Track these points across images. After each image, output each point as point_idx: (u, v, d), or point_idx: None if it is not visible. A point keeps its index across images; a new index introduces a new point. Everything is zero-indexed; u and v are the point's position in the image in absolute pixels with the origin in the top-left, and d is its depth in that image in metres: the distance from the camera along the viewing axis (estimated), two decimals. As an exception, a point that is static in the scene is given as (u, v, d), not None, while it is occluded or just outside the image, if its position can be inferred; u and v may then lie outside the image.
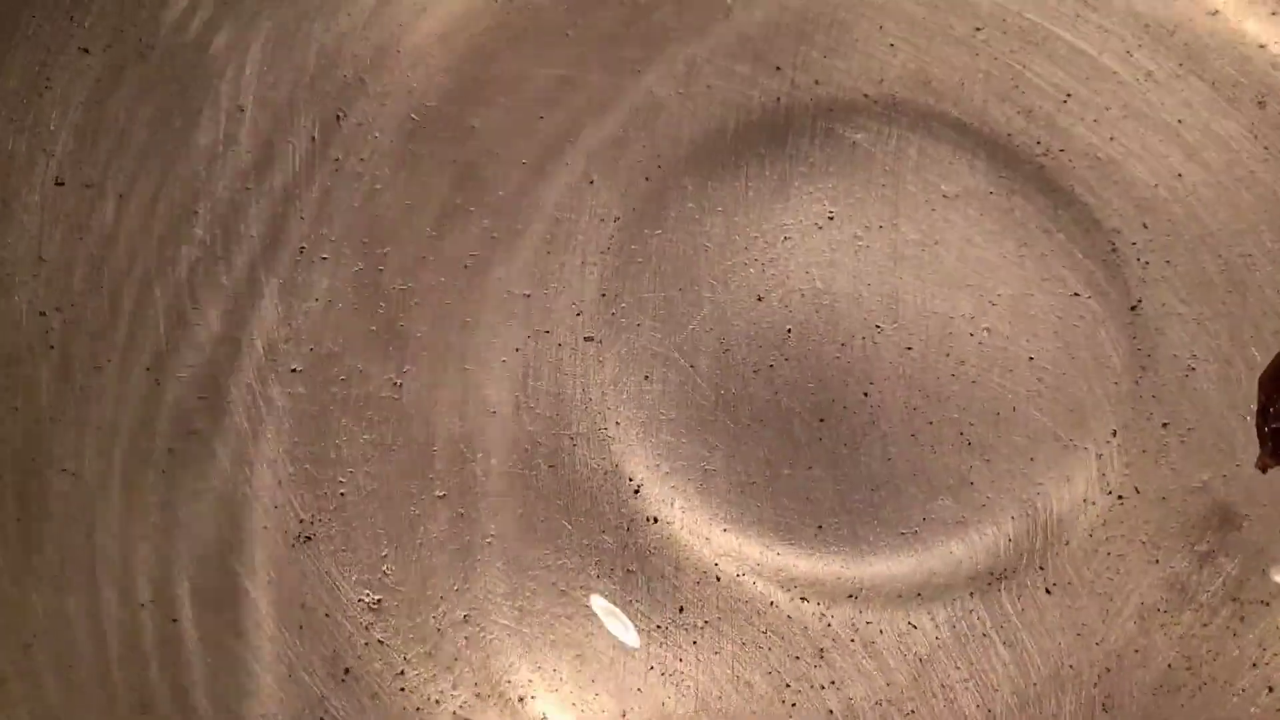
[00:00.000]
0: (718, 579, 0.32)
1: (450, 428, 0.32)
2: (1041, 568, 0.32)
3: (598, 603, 0.31)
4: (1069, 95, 0.36)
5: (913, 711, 0.31)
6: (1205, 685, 0.31)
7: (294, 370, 0.33)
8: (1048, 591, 0.31)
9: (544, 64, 0.36)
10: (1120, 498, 0.32)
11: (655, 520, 0.32)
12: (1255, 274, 0.34)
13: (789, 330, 0.34)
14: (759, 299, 0.34)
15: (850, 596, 0.32)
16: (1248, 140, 0.36)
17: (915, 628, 0.31)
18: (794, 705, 0.31)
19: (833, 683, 0.31)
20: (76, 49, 0.33)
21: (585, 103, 0.36)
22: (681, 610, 0.31)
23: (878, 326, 0.34)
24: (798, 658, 0.31)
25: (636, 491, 0.32)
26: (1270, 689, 0.31)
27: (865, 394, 0.33)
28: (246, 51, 0.34)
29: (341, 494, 0.32)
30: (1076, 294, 0.34)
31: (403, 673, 0.31)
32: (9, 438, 0.30)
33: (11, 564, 0.30)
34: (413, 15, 0.36)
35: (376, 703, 0.30)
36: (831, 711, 0.31)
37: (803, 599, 0.32)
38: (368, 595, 0.31)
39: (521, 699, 0.31)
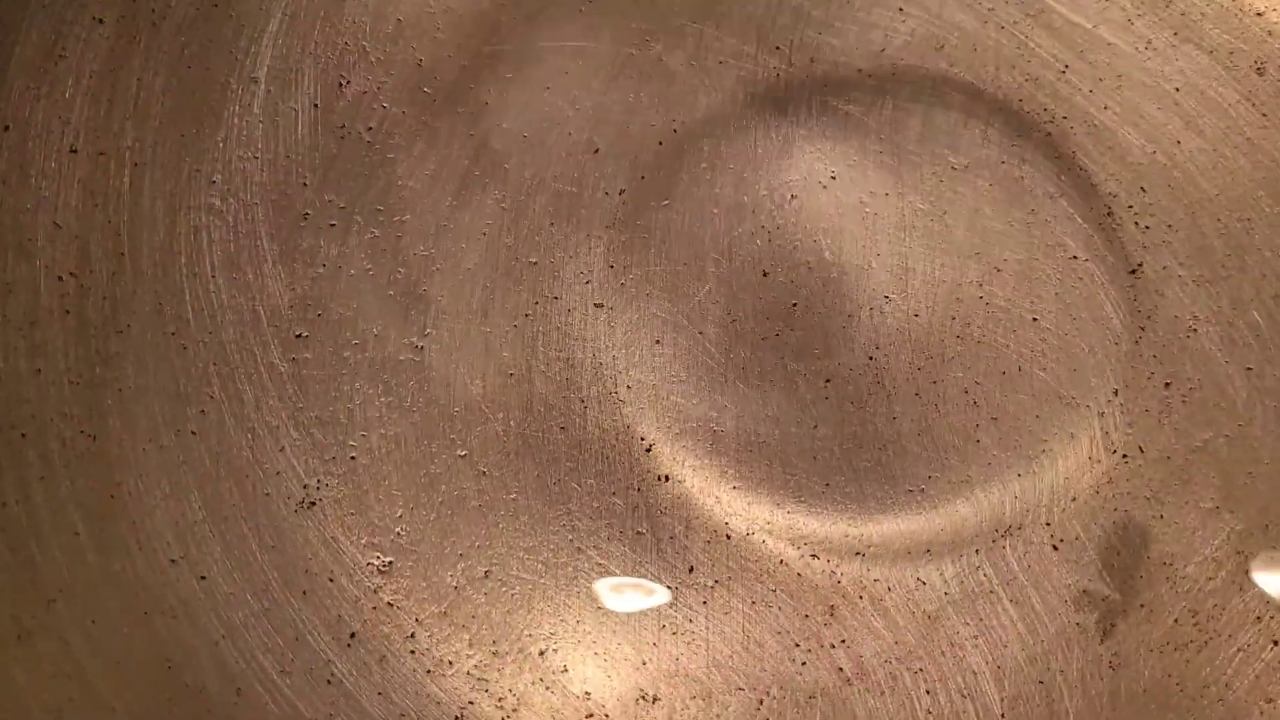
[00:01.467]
0: (728, 537, 0.32)
1: (470, 390, 0.33)
2: (1048, 524, 0.32)
3: (603, 585, 0.31)
4: (1068, 66, 0.36)
5: (921, 669, 0.31)
6: (1210, 641, 0.31)
7: (299, 336, 0.33)
8: (1054, 548, 0.32)
9: (549, 36, 0.36)
10: (1125, 456, 0.33)
11: (666, 479, 0.33)
12: (1254, 237, 0.35)
13: (794, 304, 0.34)
14: (764, 274, 0.34)
15: (858, 554, 0.32)
16: (1245, 107, 0.36)
17: (924, 584, 0.32)
18: (804, 664, 0.31)
19: (843, 641, 0.31)
20: (90, 18, 0.34)
21: (590, 73, 0.36)
22: (692, 570, 0.32)
23: (886, 297, 0.34)
24: (807, 616, 0.31)
25: (648, 451, 0.33)
26: (1275, 643, 0.31)
27: (871, 357, 0.34)
28: (264, 20, 0.35)
29: (352, 458, 0.32)
30: (1076, 257, 0.34)
31: (413, 635, 0.31)
32: (30, 399, 0.31)
33: (35, 522, 0.30)
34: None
35: (384, 665, 0.31)
36: (841, 669, 0.31)
37: (813, 556, 0.32)
38: (378, 558, 0.31)
39: (543, 652, 0.31)
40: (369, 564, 0.31)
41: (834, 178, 0.35)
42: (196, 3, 0.35)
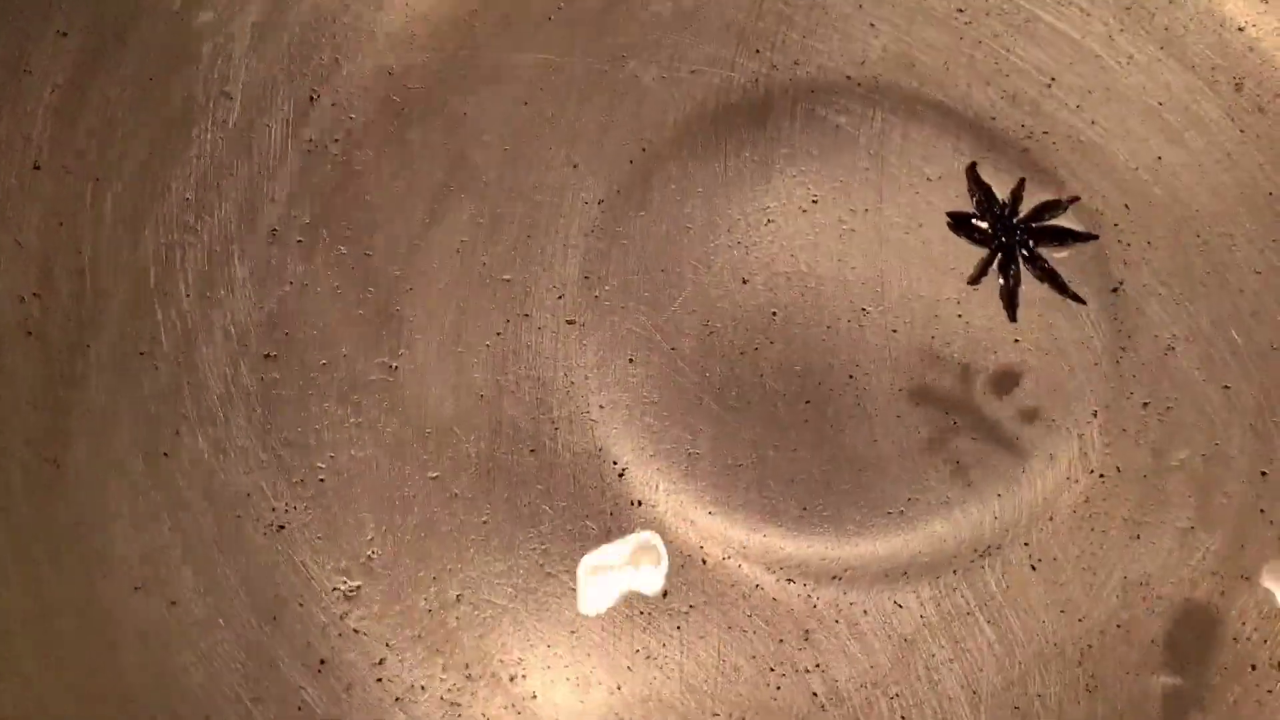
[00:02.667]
0: (703, 561, 0.32)
1: (442, 411, 0.32)
2: (1026, 544, 0.32)
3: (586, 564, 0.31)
4: (1053, 79, 0.36)
5: (897, 694, 0.31)
6: (1188, 664, 0.31)
7: (267, 356, 0.33)
8: (1033, 568, 0.32)
9: (527, 49, 0.36)
10: (1102, 476, 0.32)
11: (639, 504, 0.32)
12: (1234, 254, 0.34)
13: (774, 313, 0.34)
14: (744, 281, 0.34)
15: (835, 578, 0.32)
16: (1225, 123, 0.36)
17: (901, 607, 0.31)
18: (779, 689, 0.31)
19: (818, 665, 0.31)
20: (55, 32, 0.33)
21: (568, 87, 0.35)
22: (665, 595, 0.31)
23: (864, 309, 0.34)
24: (782, 641, 0.31)
25: (621, 475, 0.32)
26: (1253, 666, 0.31)
27: (851, 376, 0.33)
28: (231, 33, 0.34)
29: (320, 480, 0.32)
30: (1059, 275, 0.34)
31: (382, 661, 0.31)
32: (-11, 424, 0.30)
33: (-7, 552, 0.30)
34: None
35: (352, 694, 0.30)
36: (815, 694, 0.31)
37: (789, 580, 0.32)
38: (344, 583, 0.31)
39: (514, 677, 0.31)
40: (334, 590, 0.31)
41: (815, 201, 0.35)
42: (164, 16, 0.34)
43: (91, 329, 0.32)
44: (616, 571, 0.31)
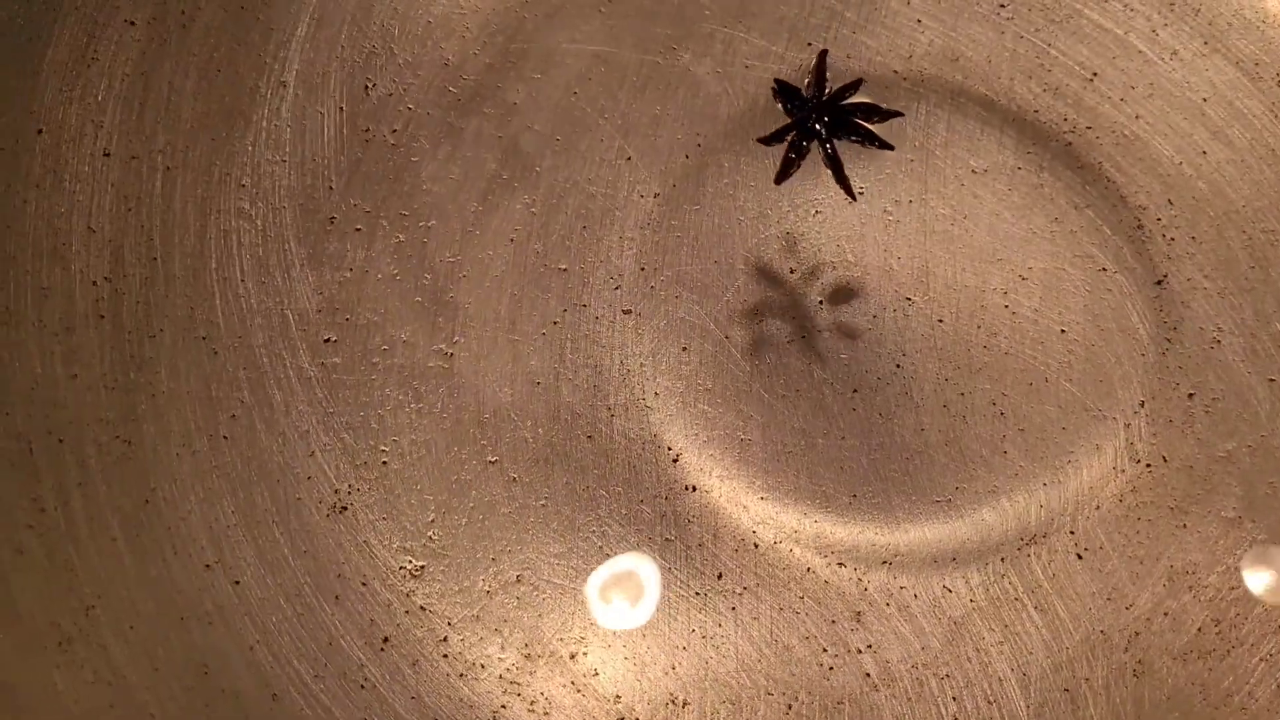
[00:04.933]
0: (755, 545, 0.32)
1: (499, 397, 0.33)
2: (1072, 532, 0.32)
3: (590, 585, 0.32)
4: (1095, 74, 0.36)
5: (948, 675, 0.31)
6: (1233, 650, 0.31)
7: (327, 340, 0.33)
8: (1079, 556, 0.32)
9: (578, 40, 0.36)
10: (1148, 465, 0.33)
11: (694, 489, 0.33)
12: (1278, 249, 0.35)
13: (820, 302, 0.34)
14: (791, 271, 0.35)
15: (885, 563, 0.32)
16: (1269, 118, 0.36)
17: (950, 591, 0.32)
18: (831, 669, 0.31)
19: (870, 646, 0.31)
20: (122, 21, 0.34)
21: (620, 79, 0.36)
22: (720, 577, 0.32)
23: (908, 299, 0.35)
24: (834, 622, 0.32)
25: (675, 460, 0.33)
26: (1295, 652, 0.31)
27: (898, 365, 0.34)
28: (292, 24, 0.35)
29: (384, 463, 0.32)
30: (1105, 269, 0.35)
31: (445, 639, 0.31)
32: (66, 404, 0.31)
33: (73, 529, 0.30)
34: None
35: (417, 670, 0.31)
36: (869, 674, 0.31)
37: (839, 564, 0.32)
38: (410, 562, 0.32)
39: (574, 655, 0.31)
40: (401, 568, 0.32)
41: (861, 193, 0.35)
42: (225, 5, 0.35)
43: (160, 313, 0.32)
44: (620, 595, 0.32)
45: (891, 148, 0.33)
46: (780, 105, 0.32)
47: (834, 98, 0.32)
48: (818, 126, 0.32)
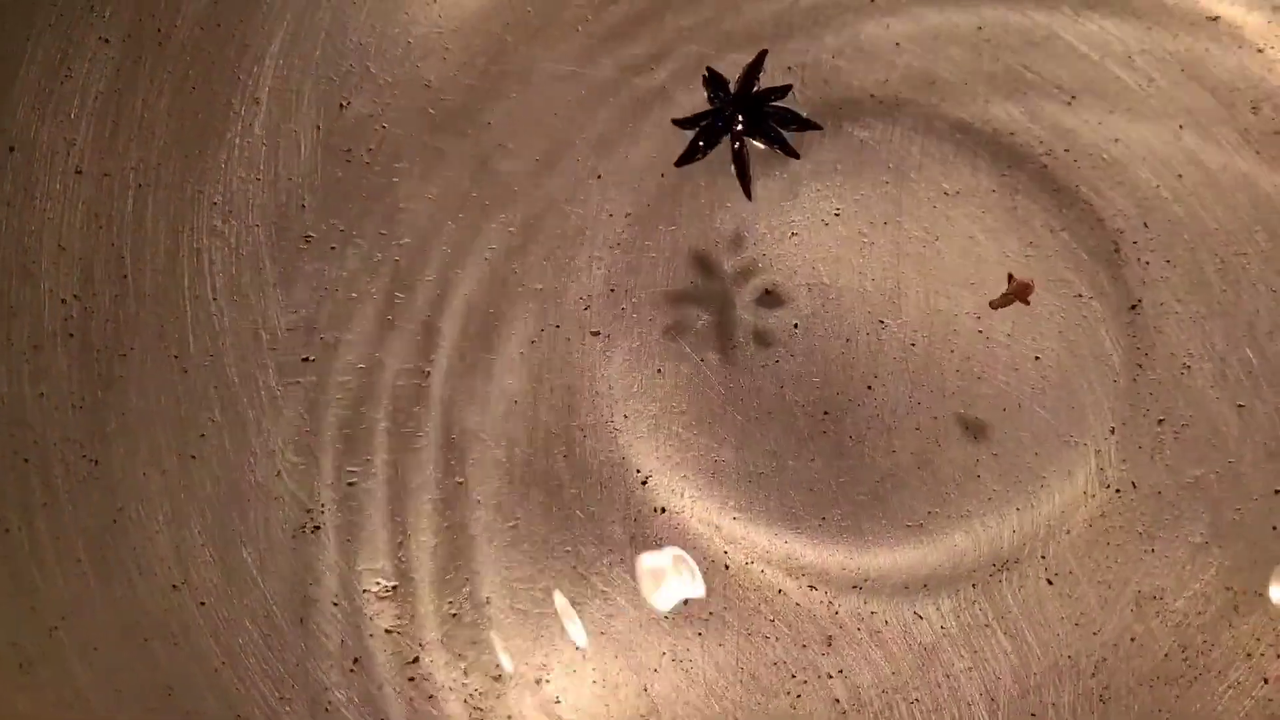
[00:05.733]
0: (726, 567, 0.32)
1: (473, 417, 0.33)
2: (1043, 557, 0.32)
3: (559, 599, 0.32)
4: (1073, 97, 0.37)
5: (917, 700, 0.31)
6: (1200, 676, 0.32)
7: (302, 360, 0.33)
8: (1049, 582, 0.32)
9: (557, 60, 0.36)
10: (1118, 491, 0.33)
11: (663, 510, 0.33)
12: (1249, 272, 0.35)
13: (795, 325, 0.35)
14: (767, 293, 0.35)
15: (856, 587, 0.32)
16: (1242, 144, 0.36)
17: (920, 618, 0.32)
18: (799, 696, 0.31)
19: (840, 671, 0.31)
20: (97, 38, 0.33)
21: (598, 98, 0.36)
22: (686, 601, 0.32)
23: (881, 322, 0.35)
24: (805, 646, 0.32)
25: (644, 483, 0.33)
26: (1265, 680, 0.31)
27: (869, 387, 0.34)
28: (266, 41, 0.35)
29: (351, 484, 0.32)
30: (1080, 295, 0.35)
31: (416, 660, 0.31)
32: (34, 423, 0.31)
33: (37, 549, 0.30)
34: (421, 6, 0.36)
35: (383, 693, 0.31)
36: (837, 700, 0.31)
37: (811, 587, 0.32)
38: (379, 583, 0.32)
39: (539, 680, 0.31)
40: (369, 590, 0.32)
41: (838, 214, 0.35)
42: (200, 23, 0.35)
43: (130, 331, 0.32)
44: (672, 575, 0.32)
45: (797, 155, 0.33)
46: (706, 93, 0.33)
47: (759, 97, 0.32)
48: (736, 123, 0.32)
